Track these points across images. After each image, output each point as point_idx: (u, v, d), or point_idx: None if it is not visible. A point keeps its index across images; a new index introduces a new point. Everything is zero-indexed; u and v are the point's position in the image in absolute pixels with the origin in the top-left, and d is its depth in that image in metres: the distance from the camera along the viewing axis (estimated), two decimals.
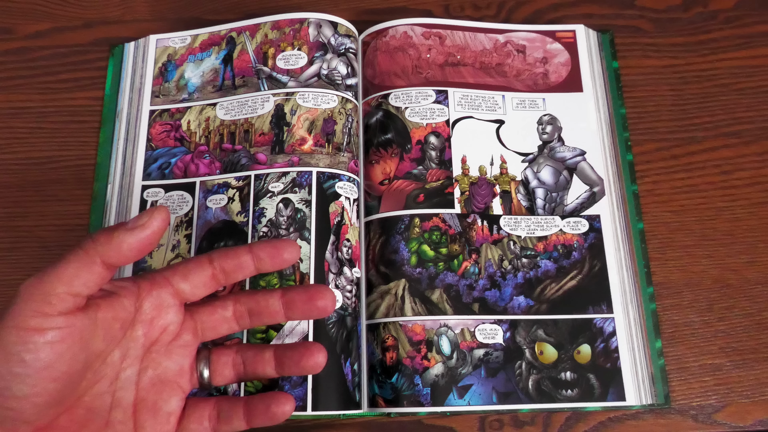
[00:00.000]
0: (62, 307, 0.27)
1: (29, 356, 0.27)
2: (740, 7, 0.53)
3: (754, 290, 0.45)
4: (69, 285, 0.28)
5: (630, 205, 0.47)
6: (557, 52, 0.51)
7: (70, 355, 0.28)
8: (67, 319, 0.27)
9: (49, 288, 0.27)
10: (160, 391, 0.32)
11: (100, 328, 0.29)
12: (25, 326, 0.27)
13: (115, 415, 0.31)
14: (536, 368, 0.42)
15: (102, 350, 0.30)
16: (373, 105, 0.48)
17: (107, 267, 0.29)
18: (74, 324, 0.28)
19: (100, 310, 0.29)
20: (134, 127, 0.49)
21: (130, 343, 0.32)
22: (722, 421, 0.42)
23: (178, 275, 0.33)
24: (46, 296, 0.27)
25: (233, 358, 0.34)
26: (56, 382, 0.27)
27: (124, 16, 0.54)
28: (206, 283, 0.33)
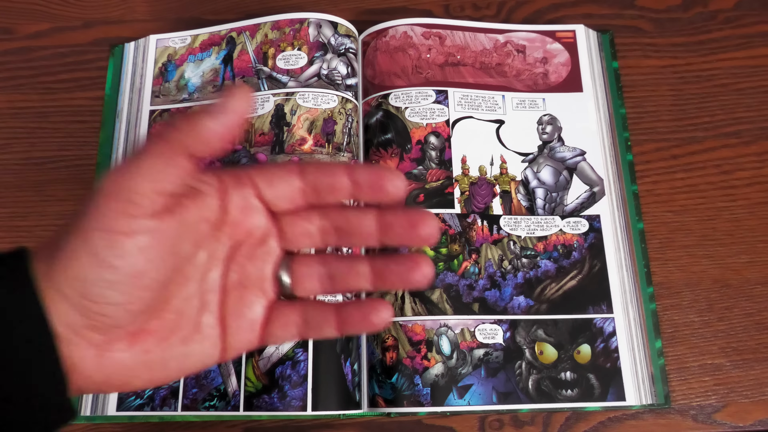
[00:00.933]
0: (149, 207, 0.25)
1: (120, 262, 0.25)
2: (740, 7, 0.53)
3: (754, 290, 0.45)
4: (154, 181, 0.25)
5: (630, 205, 0.47)
6: (557, 52, 0.51)
7: (161, 261, 0.26)
8: (156, 222, 0.25)
9: (133, 185, 0.25)
10: (243, 296, 0.30)
11: (188, 231, 0.27)
12: (113, 229, 0.25)
13: (205, 318, 0.29)
14: (536, 368, 0.42)
15: (190, 253, 0.28)
16: (373, 105, 0.48)
17: (192, 159, 0.26)
18: (162, 228, 0.26)
19: (187, 211, 0.27)
20: (134, 127, 0.49)
21: (216, 245, 0.29)
22: (722, 421, 0.42)
23: (264, 179, 0.29)
24: (132, 194, 0.25)
25: (317, 270, 0.30)
26: (148, 290, 0.26)
27: (124, 16, 0.54)
28: (292, 197, 0.30)
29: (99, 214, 0.25)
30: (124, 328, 0.27)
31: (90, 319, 0.26)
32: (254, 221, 0.30)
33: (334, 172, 0.29)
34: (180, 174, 0.26)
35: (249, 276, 0.30)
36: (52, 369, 0.25)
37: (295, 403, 0.40)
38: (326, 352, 0.41)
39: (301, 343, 0.41)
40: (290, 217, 0.30)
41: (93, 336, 0.26)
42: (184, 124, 0.26)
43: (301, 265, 0.31)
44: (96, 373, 0.27)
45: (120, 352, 0.27)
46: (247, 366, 0.41)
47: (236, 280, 0.30)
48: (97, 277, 0.25)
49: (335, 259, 0.31)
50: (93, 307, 0.25)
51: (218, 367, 0.42)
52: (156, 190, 0.25)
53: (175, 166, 0.26)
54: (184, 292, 0.29)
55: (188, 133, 0.26)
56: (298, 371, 0.41)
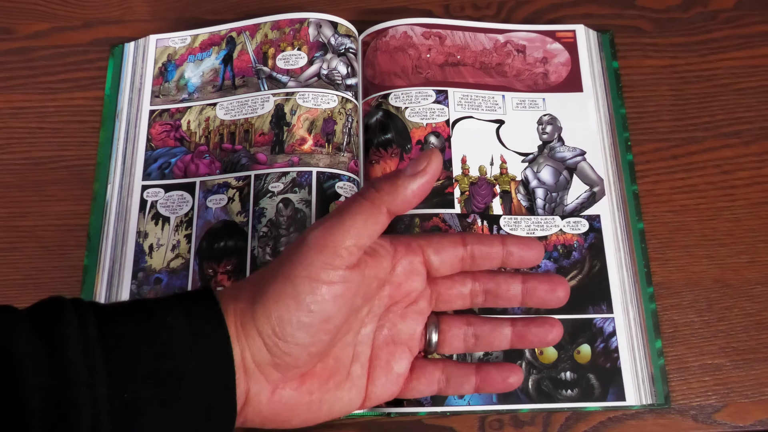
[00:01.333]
0: (349, 260, 0.28)
1: (316, 307, 0.28)
2: (740, 7, 0.53)
3: (754, 290, 0.45)
4: (357, 237, 0.28)
5: (630, 205, 0.47)
6: (557, 52, 0.51)
7: (345, 309, 0.29)
8: (350, 274, 0.29)
9: (339, 241, 0.28)
10: (392, 351, 0.33)
11: (364, 286, 0.30)
12: (318, 278, 0.28)
13: (354, 368, 0.32)
14: (536, 368, 0.42)
15: (360, 307, 0.32)
16: (373, 105, 0.48)
17: (390, 216, 0.29)
18: (353, 279, 0.29)
19: (368, 267, 0.30)
20: (134, 127, 0.49)
21: (376, 301, 0.33)
22: (722, 421, 0.42)
23: (432, 248, 0.33)
24: (337, 249, 0.28)
25: (464, 330, 0.34)
26: (329, 335, 0.29)
27: (124, 16, 0.54)
28: (453, 264, 0.33)
29: (307, 263, 0.28)
30: (300, 369, 0.30)
31: (276, 358, 0.29)
32: (414, 285, 0.33)
33: (491, 242, 0.33)
34: (378, 230, 0.29)
35: (400, 333, 0.33)
36: (228, 402, 0.28)
37: None
38: None
39: None
40: (448, 281, 0.34)
41: (273, 374, 0.29)
42: (386, 186, 0.29)
43: (449, 325, 0.34)
44: (266, 408, 0.30)
45: (290, 390, 0.30)
46: None
47: (387, 336, 0.33)
48: (294, 319, 0.28)
49: (480, 321, 0.34)
50: (282, 346, 0.28)
51: None
52: (358, 245, 0.29)
53: (375, 223, 0.29)
54: (343, 341, 0.32)
55: (390, 194, 0.29)
56: None
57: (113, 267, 0.45)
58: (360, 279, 0.30)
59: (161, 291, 0.44)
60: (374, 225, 0.29)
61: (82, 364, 0.26)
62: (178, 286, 0.44)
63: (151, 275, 0.44)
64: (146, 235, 0.46)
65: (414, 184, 0.29)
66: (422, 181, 0.29)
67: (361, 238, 0.29)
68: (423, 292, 0.34)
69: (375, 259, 0.31)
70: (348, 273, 0.29)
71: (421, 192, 0.29)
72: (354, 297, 0.30)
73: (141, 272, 0.45)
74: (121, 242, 0.46)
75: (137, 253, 0.45)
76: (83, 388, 0.26)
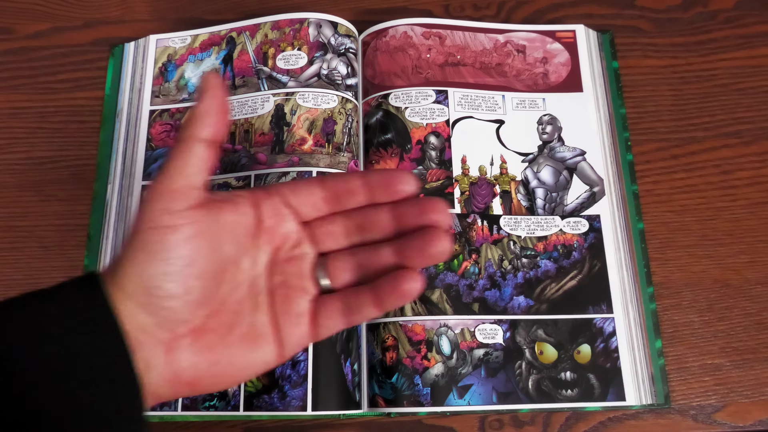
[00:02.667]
0: (187, 202, 0.30)
1: (170, 254, 0.29)
2: (740, 7, 0.53)
3: (754, 290, 0.45)
4: (184, 176, 0.30)
5: (630, 205, 0.47)
6: (557, 52, 0.51)
7: (206, 252, 0.30)
8: (194, 213, 0.30)
9: (168, 184, 0.30)
10: (288, 294, 0.34)
11: (227, 231, 0.31)
12: (159, 225, 0.29)
13: (257, 317, 0.33)
14: (536, 368, 0.42)
15: (233, 256, 0.32)
16: (373, 105, 0.48)
17: (206, 144, 0.30)
18: (201, 219, 0.30)
19: (222, 211, 0.31)
20: (134, 127, 0.49)
21: (257, 252, 0.34)
22: (722, 421, 0.42)
23: (288, 189, 0.34)
24: (169, 193, 0.29)
25: (349, 262, 0.34)
26: (200, 280, 0.30)
27: (124, 16, 0.54)
28: (316, 204, 0.34)
29: (147, 215, 0.29)
30: (187, 324, 0.30)
31: (155, 316, 0.29)
32: (287, 227, 0.34)
33: (348, 179, 0.33)
34: (201, 162, 0.30)
35: (291, 277, 0.34)
36: (128, 372, 0.28)
37: (295, 403, 0.40)
38: (326, 352, 0.41)
39: None
40: (317, 222, 0.35)
41: (160, 333, 0.30)
42: (186, 121, 0.31)
43: (334, 261, 0.34)
44: (166, 371, 0.30)
45: (186, 348, 0.30)
46: None
47: (280, 282, 0.34)
48: (154, 270, 0.29)
49: (361, 250, 0.34)
50: (155, 301, 0.29)
51: None
52: (189, 184, 0.30)
53: (194, 156, 0.30)
54: (236, 295, 0.33)
55: (192, 124, 0.30)
56: (298, 371, 0.41)
57: None
58: (212, 220, 0.31)
59: None
60: (194, 159, 0.30)
61: None
62: None
63: None
64: None
65: (205, 103, 0.30)
66: (208, 97, 0.30)
67: (189, 176, 0.30)
68: (301, 235, 0.35)
69: (231, 204, 0.32)
70: (190, 213, 0.30)
71: (218, 105, 0.31)
72: (214, 239, 0.31)
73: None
74: (121, 242, 0.46)
75: None
76: None
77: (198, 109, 0.31)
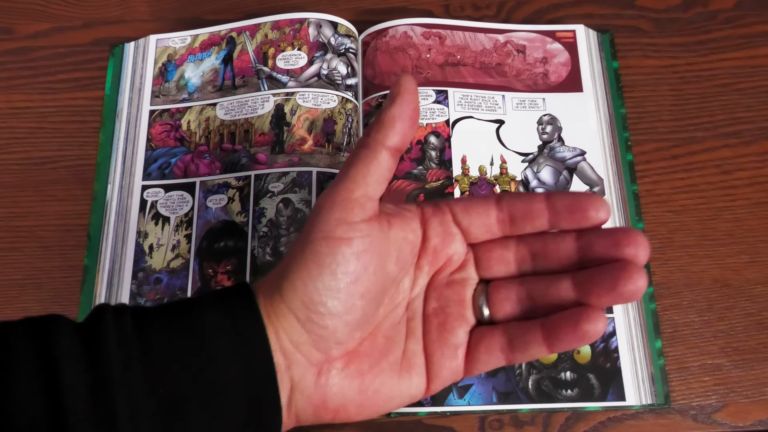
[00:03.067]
0: (363, 213, 0.28)
1: (340, 268, 0.27)
2: (740, 7, 0.53)
3: (754, 290, 0.45)
4: (365, 186, 0.28)
5: (630, 205, 0.47)
6: (557, 52, 0.51)
7: (373, 270, 0.28)
8: (368, 227, 0.28)
9: (347, 194, 0.28)
10: (444, 322, 0.31)
11: (394, 248, 0.29)
12: (333, 236, 0.27)
13: (410, 345, 0.30)
14: (536, 368, 0.42)
15: (396, 275, 0.30)
16: (373, 105, 0.48)
17: (391, 153, 0.28)
18: (374, 233, 0.28)
19: (392, 227, 0.30)
20: (134, 127, 0.49)
21: (417, 272, 0.31)
22: (722, 421, 0.42)
23: (460, 207, 0.31)
24: (347, 202, 0.27)
25: (516, 292, 0.30)
26: (362, 299, 0.28)
27: (124, 16, 0.54)
28: (489, 226, 0.31)
29: (321, 224, 0.27)
30: (342, 346, 0.28)
31: (313, 334, 0.27)
32: (454, 248, 0.31)
33: (531, 200, 0.30)
34: (385, 173, 0.28)
35: (449, 303, 0.31)
36: (270, 386, 0.27)
37: None
38: None
39: None
40: (487, 245, 0.31)
41: (314, 353, 0.28)
42: (374, 125, 0.28)
43: (499, 288, 0.31)
44: (315, 394, 0.28)
45: (337, 372, 0.29)
46: None
47: (438, 308, 0.31)
48: (321, 285, 0.27)
49: (534, 279, 0.30)
50: (316, 318, 0.27)
51: None
52: (367, 194, 0.28)
53: (378, 165, 0.28)
54: (392, 317, 0.31)
55: (380, 130, 0.28)
56: None
57: (113, 267, 0.45)
58: (383, 236, 0.29)
59: (161, 291, 0.44)
60: (378, 168, 0.28)
61: (118, 361, 0.26)
62: (178, 286, 0.44)
63: (151, 275, 0.44)
64: (146, 235, 0.46)
65: (396, 109, 0.28)
66: (402, 102, 0.28)
67: (369, 185, 0.28)
68: (466, 257, 0.32)
69: (400, 219, 0.30)
70: (365, 226, 0.28)
71: (409, 113, 0.28)
72: (381, 256, 0.29)
73: (141, 272, 0.45)
74: (121, 242, 0.46)
75: (137, 253, 0.45)
76: (118, 385, 0.25)
77: (388, 113, 0.28)
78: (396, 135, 0.28)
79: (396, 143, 0.28)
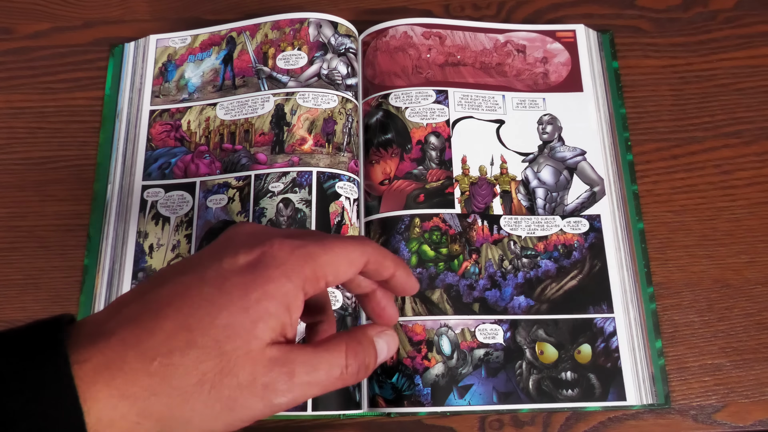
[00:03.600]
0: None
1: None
2: (740, 7, 0.53)
3: (754, 290, 0.45)
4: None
5: (630, 205, 0.47)
6: (557, 52, 0.51)
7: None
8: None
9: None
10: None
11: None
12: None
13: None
14: (537, 368, 0.42)
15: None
16: (373, 105, 0.48)
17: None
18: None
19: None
20: (134, 127, 0.49)
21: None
22: (722, 421, 0.42)
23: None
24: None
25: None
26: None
27: (124, 16, 0.54)
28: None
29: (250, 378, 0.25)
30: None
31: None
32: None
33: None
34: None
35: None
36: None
37: None
38: None
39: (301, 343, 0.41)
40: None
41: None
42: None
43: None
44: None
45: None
46: None
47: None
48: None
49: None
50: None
51: None
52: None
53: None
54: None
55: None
56: None
57: (113, 267, 0.45)
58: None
59: None
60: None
61: None
62: None
63: (151, 275, 0.44)
64: (146, 235, 0.46)
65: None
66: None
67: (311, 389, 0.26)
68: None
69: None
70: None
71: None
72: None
73: (141, 272, 0.45)
74: (121, 242, 0.46)
75: (137, 253, 0.45)
76: None
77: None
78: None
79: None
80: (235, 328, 0.24)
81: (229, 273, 0.25)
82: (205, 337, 0.23)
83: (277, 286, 0.25)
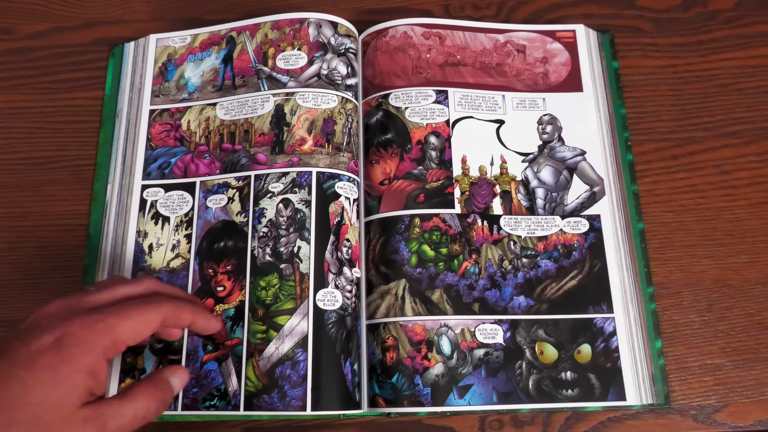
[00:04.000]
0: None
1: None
2: (740, 7, 0.53)
3: (754, 290, 0.45)
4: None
5: (630, 205, 0.47)
6: (557, 52, 0.51)
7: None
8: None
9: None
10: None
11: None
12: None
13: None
14: (536, 368, 0.42)
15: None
16: (373, 105, 0.48)
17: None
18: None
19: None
20: (134, 127, 0.49)
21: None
22: (722, 421, 0.42)
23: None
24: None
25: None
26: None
27: (124, 16, 0.54)
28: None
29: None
30: None
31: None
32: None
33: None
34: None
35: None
36: None
37: (295, 403, 0.40)
38: (326, 352, 0.41)
39: (300, 343, 0.41)
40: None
41: None
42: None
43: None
44: None
45: None
46: (247, 366, 0.41)
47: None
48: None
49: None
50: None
51: (218, 367, 0.42)
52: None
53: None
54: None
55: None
56: (298, 371, 0.41)
57: (113, 267, 0.45)
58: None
59: None
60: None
61: None
62: (179, 285, 0.44)
63: (151, 275, 0.44)
64: (146, 235, 0.46)
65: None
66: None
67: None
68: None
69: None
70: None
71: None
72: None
73: (141, 272, 0.45)
74: (120, 242, 0.46)
75: (137, 252, 0.45)
76: None
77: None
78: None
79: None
80: (48, 402, 0.29)
81: (37, 354, 0.30)
82: (23, 413, 0.28)
83: (80, 361, 0.30)
